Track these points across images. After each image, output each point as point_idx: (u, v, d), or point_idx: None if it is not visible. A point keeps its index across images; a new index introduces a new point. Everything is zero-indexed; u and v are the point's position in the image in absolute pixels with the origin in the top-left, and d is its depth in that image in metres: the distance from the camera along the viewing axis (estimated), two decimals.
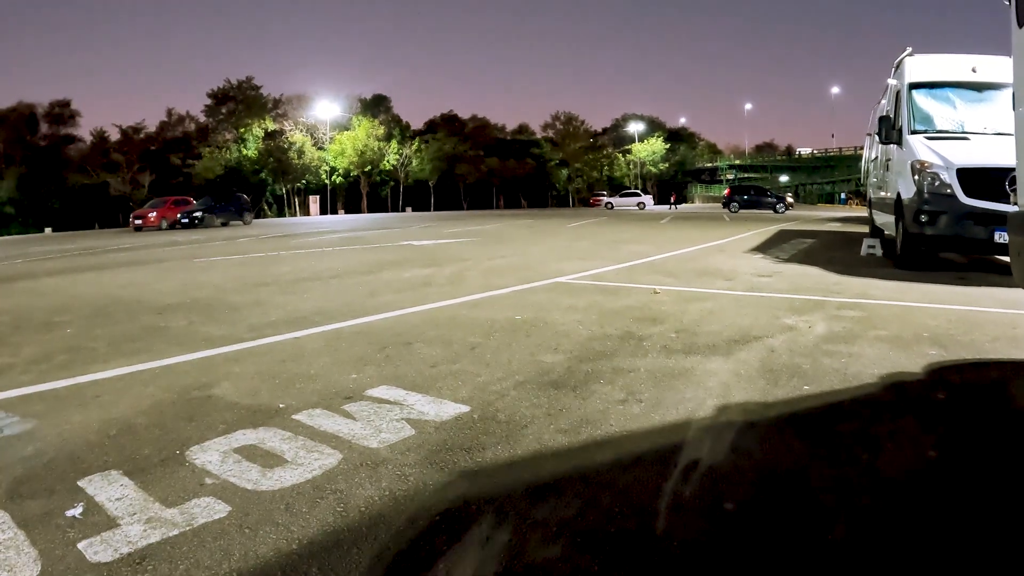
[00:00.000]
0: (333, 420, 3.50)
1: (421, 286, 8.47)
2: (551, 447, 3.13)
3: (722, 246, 14.65)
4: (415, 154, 71.95)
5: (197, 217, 34.64)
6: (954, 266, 10.14)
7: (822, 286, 8.08)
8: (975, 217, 8.66)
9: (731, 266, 10.46)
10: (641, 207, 57.88)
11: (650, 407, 3.66)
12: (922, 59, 11.21)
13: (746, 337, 5.27)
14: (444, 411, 3.63)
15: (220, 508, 2.56)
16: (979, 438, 3.20)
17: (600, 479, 2.77)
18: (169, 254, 14.90)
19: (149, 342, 5.47)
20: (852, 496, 2.58)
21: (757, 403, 3.71)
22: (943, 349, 4.85)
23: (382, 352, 4.92)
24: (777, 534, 2.32)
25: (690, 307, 6.69)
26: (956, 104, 10.61)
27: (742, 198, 46.71)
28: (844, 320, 5.93)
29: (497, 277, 9.31)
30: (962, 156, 9.08)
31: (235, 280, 9.56)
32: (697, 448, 3.09)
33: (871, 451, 3.03)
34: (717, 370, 4.37)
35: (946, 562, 2.15)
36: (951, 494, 2.61)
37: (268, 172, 60.44)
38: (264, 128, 61.57)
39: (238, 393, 4.00)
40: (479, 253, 13.41)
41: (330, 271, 10.44)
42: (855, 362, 4.51)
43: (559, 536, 2.31)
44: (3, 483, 2.82)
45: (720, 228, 22.53)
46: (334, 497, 2.64)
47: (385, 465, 2.94)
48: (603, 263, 11.04)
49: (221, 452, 3.10)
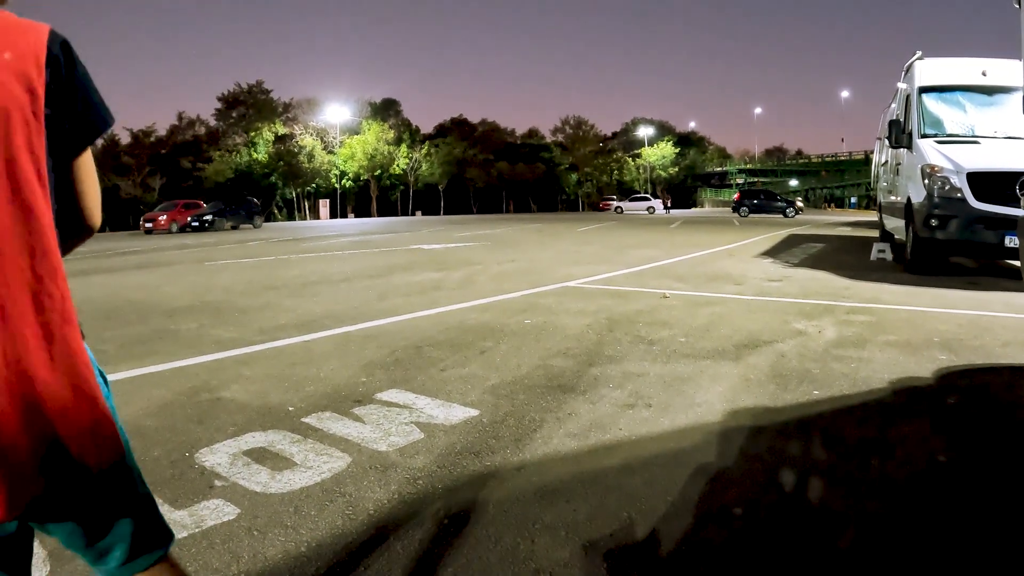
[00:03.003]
0: (342, 423, 3.51)
1: (431, 290, 8.49)
2: (560, 451, 3.13)
3: (731, 250, 14.61)
4: (425, 158, 72.02)
5: (207, 220, 34.75)
6: (964, 270, 10.08)
7: (832, 290, 8.06)
8: (985, 221, 8.61)
9: (741, 270, 10.44)
10: (651, 211, 57.78)
11: (659, 411, 3.65)
12: (932, 63, 11.17)
13: (756, 342, 5.25)
14: (453, 415, 3.63)
15: (229, 510, 2.57)
16: (989, 443, 3.18)
17: (609, 483, 2.77)
18: (179, 257, 14.98)
19: (159, 344, 5.50)
20: (862, 501, 2.57)
21: (766, 408, 3.70)
22: (953, 354, 4.82)
23: (391, 356, 4.94)
24: (786, 539, 2.31)
25: (699, 311, 6.68)
26: (966, 108, 10.56)
27: (752, 202, 46.52)
28: (854, 325, 5.91)
29: (507, 281, 9.31)
30: (972, 160, 9.04)
31: (245, 283, 9.59)
32: (706, 452, 3.08)
33: (881, 456, 3.01)
34: (726, 374, 4.36)
35: (956, 567, 2.14)
36: (961, 499, 2.60)
37: (278, 176, 60.60)
38: (274, 132, 61.74)
39: (247, 396, 4.02)
40: (489, 257, 13.42)
41: (340, 274, 10.47)
42: (865, 367, 4.50)
43: (568, 540, 2.31)
44: None
45: (730, 232, 22.48)
46: (343, 500, 2.65)
47: (394, 468, 2.95)
48: (612, 267, 11.03)
49: (230, 454, 3.12)
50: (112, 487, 1.17)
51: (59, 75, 1.12)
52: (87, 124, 1.17)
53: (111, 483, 1.17)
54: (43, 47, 1.10)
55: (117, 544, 1.19)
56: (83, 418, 1.09)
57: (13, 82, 1.06)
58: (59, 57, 1.12)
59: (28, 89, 1.07)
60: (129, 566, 1.21)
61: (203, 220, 34.69)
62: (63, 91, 1.12)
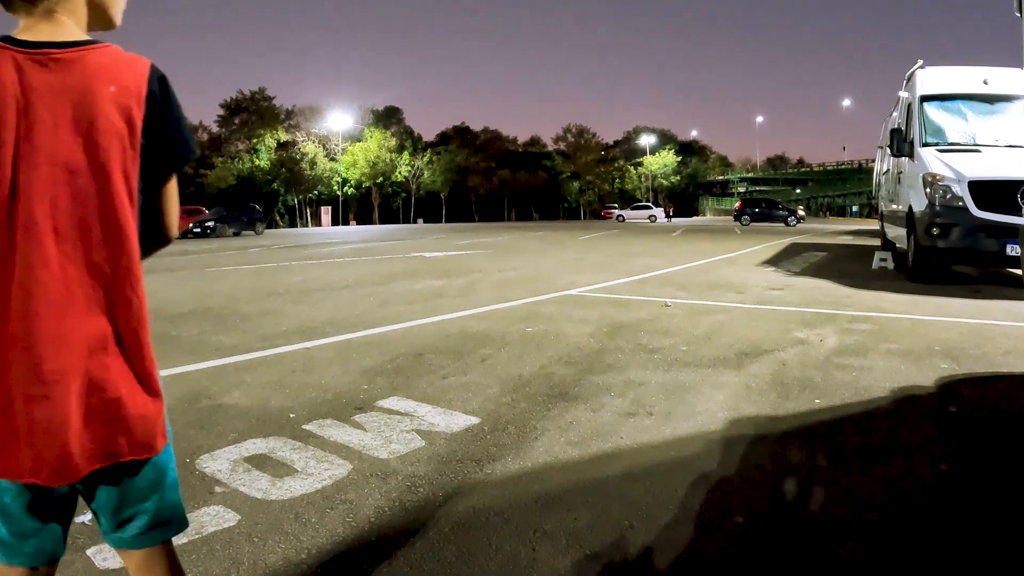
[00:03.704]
0: (343, 430, 3.51)
1: (432, 297, 8.49)
2: (561, 459, 3.13)
3: (733, 259, 14.62)
4: (427, 166, 72.15)
5: (209, 227, 34.78)
6: (966, 279, 10.08)
7: (834, 299, 8.05)
8: (987, 230, 8.62)
9: (742, 279, 10.43)
10: (652, 220, 57.82)
11: (661, 420, 3.65)
12: (933, 72, 11.19)
13: (757, 350, 5.25)
14: (454, 422, 3.63)
15: (230, 517, 2.57)
16: (991, 452, 3.18)
17: (610, 491, 2.76)
18: (181, 263, 14.98)
19: (160, 350, 5.45)
20: (863, 510, 2.57)
21: (768, 416, 3.69)
22: (955, 362, 4.82)
23: (393, 363, 4.94)
24: (788, 548, 2.31)
25: (701, 320, 6.68)
26: (968, 116, 10.57)
27: (753, 211, 46.56)
28: (856, 333, 5.90)
29: (508, 289, 9.32)
30: (974, 168, 9.04)
31: (247, 290, 9.60)
32: (708, 461, 3.08)
33: (882, 464, 3.01)
34: (728, 383, 4.35)
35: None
36: (963, 508, 2.59)
37: (280, 183, 60.69)
38: (277, 139, 61.85)
39: (249, 402, 4.02)
40: (490, 265, 13.42)
41: (341, 282, 10.47)
42: (867, 375, 4.49)
43: (569, 548, 2.30)
44: None
45: (731, 241, 22.49)
46: (344, 507, 2.65)
47: (395, 476, 2.94)
48: (614, 276, 11.03)
49: (231, 461, 3.11)
50: (155, 466, 1.34)
51: (155, 109, 1.27)
52: (176, 155, 1.33)
53: (155, 463, 1.34)
54: (144, 83, 1.26)
55: (140, 515, 1.34)
56: (146, 408, 1.28)
57: (115, 113, 1.22)
58: (156, 94, 1.27)
59: (127, 120, 1.23)
60: (142, 538, 1.34)
61: (205, 226, 34.71)
62: (158, 124, 1.27)
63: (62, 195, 1.19)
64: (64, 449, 1.19)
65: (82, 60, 1.22)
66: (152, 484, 1.34)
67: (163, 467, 1.36)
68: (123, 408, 1.24)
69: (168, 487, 1.38)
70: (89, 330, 1.21)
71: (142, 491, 1.33)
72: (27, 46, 1.20)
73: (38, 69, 1.19)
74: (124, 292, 1.26)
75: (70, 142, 1.19)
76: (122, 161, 1.22)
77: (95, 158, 1.20)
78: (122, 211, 1.23)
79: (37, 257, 1.17)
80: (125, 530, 1.34)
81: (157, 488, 1.35)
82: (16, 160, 1.17)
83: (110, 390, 1.23)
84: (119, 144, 1.22)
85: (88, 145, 1.20)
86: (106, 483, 1.29)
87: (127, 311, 1.26)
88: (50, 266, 1.18)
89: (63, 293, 1.19)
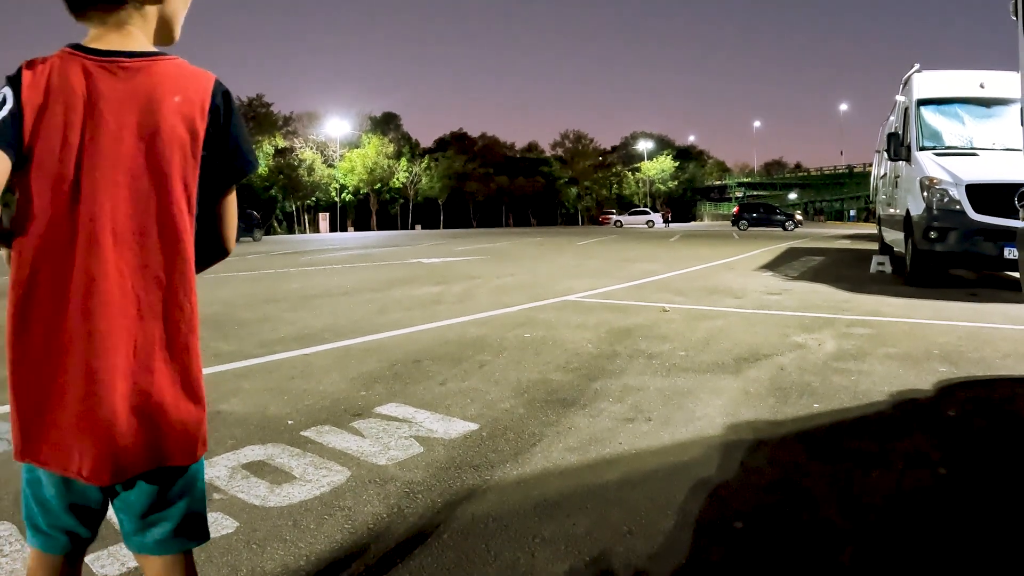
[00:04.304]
0: (342, 437, 3.50)
1: (431, 303, 8.49)
2: (560, 465, 3.12)
3: (731, 264, 14.63)
4: (425, 172, 72.22)
5: None
6: (964, 283, 10.09)
7: (832, 303, 8.06)
8: (984, 233, 8.63)
9: (740, 284, 10.44)
10: (650, 225, 57.91)
11: (659, 425, 3.65)
12: (930, 75, 11.22)
13: (756, 355, 5.25)
14: (453, 429, 3.62)
15: (228, 524, 2.56)
16: (990, 455, 3.18)
17: (609, 497, 2.76)
18: None
19: None
20: (862, 514, 2.57)
21: (766, 421, 3.69)
22: (953, 366, 4.82)
23: (391, 369, 4.93)
24: (787, 553, 2.30)
25: (699, 325, 6.68)
26: (964, 120, 10.60)
27: (751, 216, 46.65)
28: (854, 338, 5.91)
29: (506, 295, 9.32)
30: (971, 172, 9.07)
31: (245, 296, 9.59)
32: (706, 466, 3.08)
33: (881, 469, 3.01)
34: (726, 388, 4.35)
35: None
36: (963, 512, 2.59)
37: (278, 189, 60.68)
38: (274, 145, 61.83)
39: (247, 409, 4.01)
40: (488, 271, 13.43)
41: (340, 288, 10.47)
42: (865, 379, 4.49)
43: (568, 554, 2.30)
44: (9, 495, 2.83)
45: (729, 246, 22.51)
46: (342, 514, 2.64)
47: (393, 482, 2.94)
48: (612, 281, 11.04)
49: (229, 468, 3.11)
50: (188, 474, 1.35)
51: (218, 122, 1.30)
52: (236, 168, 1.35)
53: (188, 471, 1.35)
54: (208, 96, 1.29)
55: (165, 521, 1.33)
56: (190, 415, 1.29)
57: (179, 124, 1.25)
58: (219, 107, 1.30)
59: (190, 131, 1.26)
60: (163, 544, 1.34)
61: None
62: (219, 137, 1.30)
63: (122, 198, 1.22)
64: (111, 449, 1.21)
65: (149, 70, 1.25)
66: (181, 491, 1.35)
67: (194, 476, 1.37)
68: (168, 413, 1.26)
69: (196, 497, 1.38)
70: (140, 333, 1.24)
71: (171, 497, 1.33)
72: (97, 54, 1.24)
73: (106, 76, 1.22)
74: (177, 298, 1.28)
75: (133, 148, 1.22)
76: (182, 169, 1.25)
77: (156, 165, 1.23)
78: (180, 218, 1.25)
79: (95, 257, 1.20)
80: (147, 535, 1.34)
81: (185, 496, 1.35)
82: (80, 162, 1.20)
83: (156, 394, 1.25)
84: (180, 153, 1.25)
85: (150, 152, 1.23)
86: (139, 486, 1.31)
87: (179, 317, 1.28)
88: (107, 267, 1.20)
89: (118, 295, 1.21)
